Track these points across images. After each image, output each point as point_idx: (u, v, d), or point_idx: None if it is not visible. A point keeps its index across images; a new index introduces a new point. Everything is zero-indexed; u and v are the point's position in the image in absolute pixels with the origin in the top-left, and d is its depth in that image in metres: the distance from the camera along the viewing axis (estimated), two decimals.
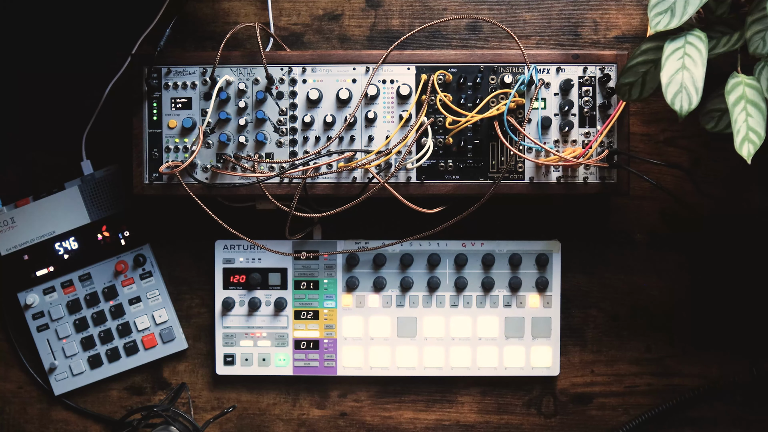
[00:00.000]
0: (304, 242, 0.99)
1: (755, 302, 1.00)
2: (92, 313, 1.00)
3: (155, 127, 0.93)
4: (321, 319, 0.99)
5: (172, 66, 0.92)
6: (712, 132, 0.84)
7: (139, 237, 1.00)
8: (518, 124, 0.90)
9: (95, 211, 0.99)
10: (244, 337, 0.99)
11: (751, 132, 0.73)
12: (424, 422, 1.01)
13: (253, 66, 0.92)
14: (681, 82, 0.75)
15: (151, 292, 1.00)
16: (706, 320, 1.00)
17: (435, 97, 0.91)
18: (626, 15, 0.99)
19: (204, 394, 1.02)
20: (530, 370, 0.99)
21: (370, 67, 0.92)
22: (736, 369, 1.00)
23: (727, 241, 1.00)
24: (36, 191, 1.00)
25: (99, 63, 0.99)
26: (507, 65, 0.92)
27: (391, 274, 0.99)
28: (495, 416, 1.01)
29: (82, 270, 1.00)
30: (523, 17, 1.00)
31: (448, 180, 0.93)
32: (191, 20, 1.00)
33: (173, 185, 0.92)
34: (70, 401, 1.01)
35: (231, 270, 0.99)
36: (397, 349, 0.99)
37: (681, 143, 1.00)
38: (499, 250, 0.99)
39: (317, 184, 0.92)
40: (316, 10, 1.00)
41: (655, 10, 0.77)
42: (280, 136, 0.93)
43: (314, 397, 1.02)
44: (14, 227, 0.99)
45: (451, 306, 0.99)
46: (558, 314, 0.99)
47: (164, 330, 1.00)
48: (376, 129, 0.93)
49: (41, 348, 1.00)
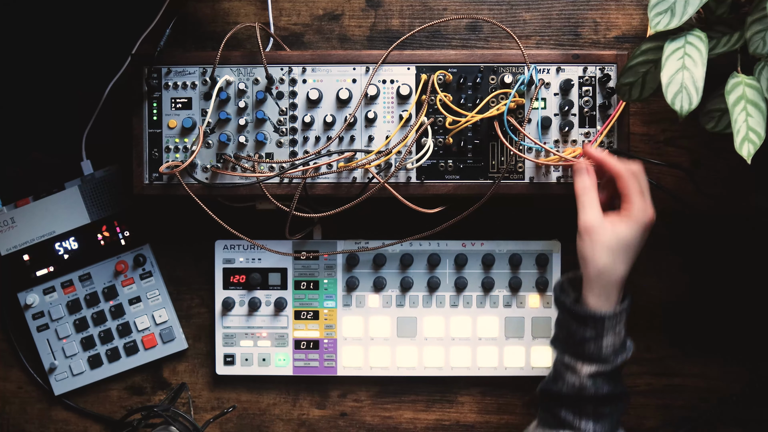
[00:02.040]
0: (304, 242, 0.99)
1: (755, 302, 1.00)
2: (92, 313, 1.00)
3: (155, 127, 0.93)
4: (321, 319, 0.99)
5: (172, 66, 0.92)
6: (712, 132, 0.84)
7: (139, 237, 1.00)
8: (518, 124, 0.90)
9: (95, 211, 0.99)
10: (244, 337, 0.99)
11: (751, 132, 0.73)
12: (424, 422, 1.01)
13: (253, 66, 0.92)
14: (681, 82, 0.75)
15: (151, 292, 1.00)
16: (706, 320, 1.00)
17: (435, 97, 0.91)
18: (626, 15, 0.99)
19: (204, 394, 1.02)
20: (530, 370, 0.99)
21: (370, 67, 0.92)
22: (736, 369, 1.00)
23: (727, 241, 1.00)
24: (36, 191, 1.00)
25: (99, 63, 0.99)
26: (507, 65, 0.92)
27: (391, 274, 0.99)
28: (495, 416, 1.01)
29: (82, 270, 1.00)
30: (523, 17, 1.00)
31: (448, 180, 0.93)
32: (191, 20, 1.00)
33: (173, 185, 0.92)
34: (70, 401, 1.01)
35: (231, 270, 0.99)
36: (397, 349, 0.99)
37: (681, 143, 1.00)
38: (499, 250, 0.99)
39: (317, 184, 0.92)
40: (316, 10, 1.00)
41: (655, 10, 0.77)
42: (280, 136, 0.93)
43: (314, 397, 1.02)
44: (14, 227, 0.99)
45: (451, 306, 0.99)
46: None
47: (164, 330, 1.00)
48: (376, 129, 0.93)
49: (41, 348, 1.00)
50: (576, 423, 0.82)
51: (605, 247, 0.79)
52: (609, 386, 0.81)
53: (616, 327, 0.80)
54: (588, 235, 0.80)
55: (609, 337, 0.80)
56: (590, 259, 0.80)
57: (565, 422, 0.82)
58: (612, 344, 0.80)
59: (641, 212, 0.79)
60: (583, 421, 0.82)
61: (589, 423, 0.81)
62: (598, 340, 0.80)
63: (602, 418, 0.82)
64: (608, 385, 0.81)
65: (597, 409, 0.81)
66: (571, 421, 0.82)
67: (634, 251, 0.80)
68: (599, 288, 0.80)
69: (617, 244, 0.79)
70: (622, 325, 0.81)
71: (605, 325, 0.80)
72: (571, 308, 0.82)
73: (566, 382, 0.82)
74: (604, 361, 0.81)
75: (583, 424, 0.82)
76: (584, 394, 0.81)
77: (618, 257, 0.79)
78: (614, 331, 0.80)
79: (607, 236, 0.79)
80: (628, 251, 0.80)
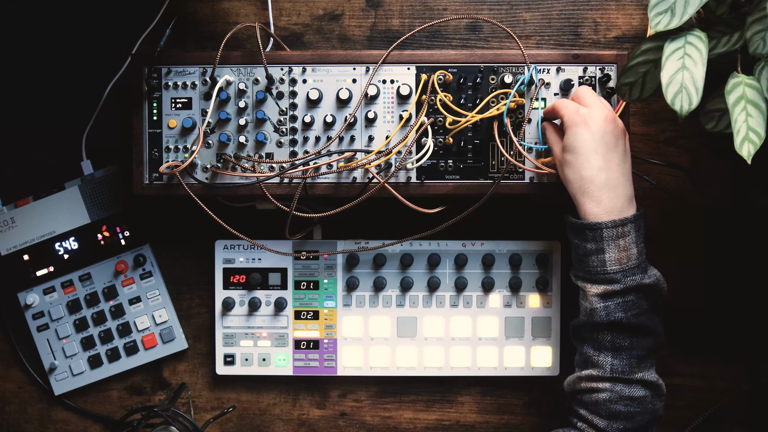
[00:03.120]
0: (304, 242, 0.99)
1: (756, 302, 1.00)
2: (92, 313, 1.00)
3: (155, 127, 0.93)
4: (321, 319, 0.99)
5: (172, 66, 0.92)
6: (712, 132, 0.84)
7: (139, 237, 1.00)
8: (518, 124, 0.90)
9: (95, 211, 0.99)
10: (244, 337, 0.99)
11: (751, 132, 0.73)
12: (424, 422, 1.01)
13: (253, 66, 0.92)
14: (681, 82, 0.75)
15: (151, 292, 1.00)
16: (706, 320, 1.00)
17: (435, 97, 0.91)
18: (626, 15, 0.99)
19: (204, 394, 1.02)
20: (530, 371, 0.99)
21: (370, 67, 0.92)
22: (736, 369, 1.00)
23: (727, 240, 1.00)
24: (36, 191, 1.00)
25: (99, 63, 0.99)
26: (507, 65, 0.92)
27: (391, 274, 0.99)
28: (495, 416, 1.01)
29: (82, 270, 1.00)
30: (523, 17, 1.00)
31: (448, 180, 0.93)
32: (191, 20, 1.00)
33: (173, 185, 0.92)
34: (70, 401, 1.01)
35: (231, 270, 0.99)
36: (397, 349, 0.99)
37: (681, 143, 1.00)
38: (499, 250, 0.99)
39: (317, 184, 0.92)
40: (316, 10, 1.00)
41: (655, 10, 0.77)
42: (280, 136, 0.93)
43: (314, 397, 1.02)
44: (14, 227, 0.99)
45: (451, 306, 0.99)
46: (558, 314, 0.99)
47: (164, 330, 1.00)
48: (376, 129, 0.93)
49: (41, 348, 1.00)
50: (595, 358, 0.81)
51: (563, 163, 0.83)
52: (623, 313, 0.79)
53: (618, 240, 0.79)
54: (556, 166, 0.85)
55: (611, 252, 0.79)
56: (563, 181, 0.84)
57: (587, 359, 0.82)
58: (617, 260, 0.79)
59: (571, 117, 0.82)
60: (602, 354, 0.80)
61: (608, 356, 0.80)
62: (600, 254, 0.80)
63: (620, 351, 0.80)
64: (622, 311, 0.79)
65: (614, 340, 0.80)
66: (591, 356, 0.81)
67: (587, 149, 0.81)
68: (581, 197, 0.81)
69: (567, 153, 0.82)
70: (629, 240, 0.80)
71: (603, 236, 0.79)
72: (571, 221, 0.83)
73: (582, 308, 0.83)
74: (611, 281, 0.79)
75: (601, 357, 0.80)
76: (596, 320, 0.80)
77: (573, 164, 0.81)
78: (617, 245, 0.79)
79: (560, 154, 0.84)
80: (578, 153, 0.81)
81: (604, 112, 0.81)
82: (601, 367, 0.80)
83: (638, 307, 0.80)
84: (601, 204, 0.80)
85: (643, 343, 0.81)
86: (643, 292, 0.80)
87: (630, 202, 0.82)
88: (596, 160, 0.80)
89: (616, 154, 0.81)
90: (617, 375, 0.80)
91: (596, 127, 0.81)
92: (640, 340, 0.81)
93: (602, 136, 0.80)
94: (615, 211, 0.80)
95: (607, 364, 0.80)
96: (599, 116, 0.81)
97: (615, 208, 0.80)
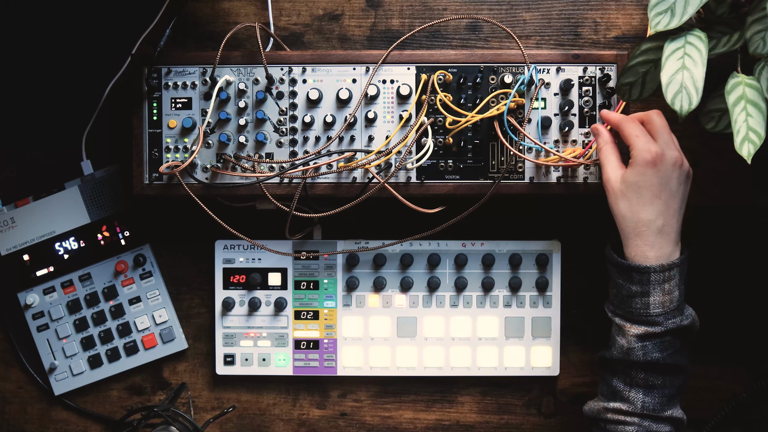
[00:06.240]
0: (304, 242, 0.99)
1: (755, 302, 1.00)
2: (92, 313, 1.00)
3: (155, 127, 0.93)
4: (321, 319, 0.99)
5: (172, 66, 0.92)
6: (712, 132, 0.84)
7: (139, 237, 1.00)
8: (518, 124, 0.90)
9: (95, 211, 0.99)
10: (244, 337, 0.99)
11: (751, 132, 0.73)
12: (424, 422, 1.01)
13: (253, 66, 0.92)
14: (681, 82, 0.75)
15: (151, 292, 1.00)
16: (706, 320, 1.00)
17: (435, 97, 0.91)
18: (626, 15, 0.99)
19: (204, 394, 1.02)
20: (530, 370, 0.99)
21: (370, 67, 0.92)
22: (736, 370, 1.00)
23: (727, 240, 1.00)
24: (36, 191, 1.00)
25: (99, 63, 0.99)
26: (507, 65, 0.92)
27: (391, 274, 0.99)
28: (495, 416, 1.01)
29: (82, 270, 1.00)
30: (523, 17, 1.00)
31: (448, 180, 0.93)
32: (191, 20, 1.00)
33: (173, 185, 0.92)
34: (70, 401, 1.01)
35: (231, 270, 0.99)
36: (397, 349, 0.99)
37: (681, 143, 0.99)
38: (499, 250, 0.99)
39: (317, 184, 0.92)
40: (316, 10, 1.00)
41: (655, 10, 0.77)
42: (280, 136, 0.93)
43: (314, 397, 1.02)
44: (14, 227, 0.99)
45: (451, 306, 0.99)
46: (558, 314, 0.99)
47: (164, 330, 1.00)
48: (376, 129, 0.93)
49: (41, 348, 1.00)
50: (626, 393, 0.80)
51: (619, 195, 0.80)
52: (660, 353, 0.79)
53: (664, 284, 0.79)
54: (607, 190, 0.82)
55: (656, 295, 0.79)
56: (613, 211, 0.81)
57: (616, 392, 0.81)
58: (660, 303, 0.79)
59: (640, 152, 0.79)
60: (633, 390, 0.80)
61: (639, 393, 0.80)
62: (645, 297, 0.79)
63: (653, 389, 0.80)
64: (659, 351, 0.79)
65: (648, 378, 0.80)
66: (621, 391, 0.81)
67: (650, 193, 0.78)
68: (633, 239, 0.79)
69: (627, 189, 0.79)
70: (673, 284, 0.79)
71: (650, 280, 0.78)
72: (616, 260, 0.81)
73: (616, 345, 0.82)
74: (653, 323, 0.79)
75: (632, 394, 0.80)
76: (632, 359, 0.80)
77: (633, 202, 0.79)
78: (662, 289, 0.79)
79: (618, 185, 0.81)
80: (641, 194, 0.79)
81: (675, 155, 0.79)
82: (631, 403, 0.81)
83: (673, 346, 0.80)
84: (653, 249, 0.79)
85: (675, 381, 0.81)
86: (680, 332, 0.81)
87: (677, 245, 0.81)
88: (657, 205, 0.79)
89: (676, 200, 0.80)
90: (648, 412, 0.80)
91: (665, 171, 0.79)
92: (673, 378, 0.81)
93: (668, 182, 0.79)
94: (664, 256, 0.79)
95: (638, 401, 0.80)
96: (670, 160, 0.79)
97: (665, 254, 0.80)
